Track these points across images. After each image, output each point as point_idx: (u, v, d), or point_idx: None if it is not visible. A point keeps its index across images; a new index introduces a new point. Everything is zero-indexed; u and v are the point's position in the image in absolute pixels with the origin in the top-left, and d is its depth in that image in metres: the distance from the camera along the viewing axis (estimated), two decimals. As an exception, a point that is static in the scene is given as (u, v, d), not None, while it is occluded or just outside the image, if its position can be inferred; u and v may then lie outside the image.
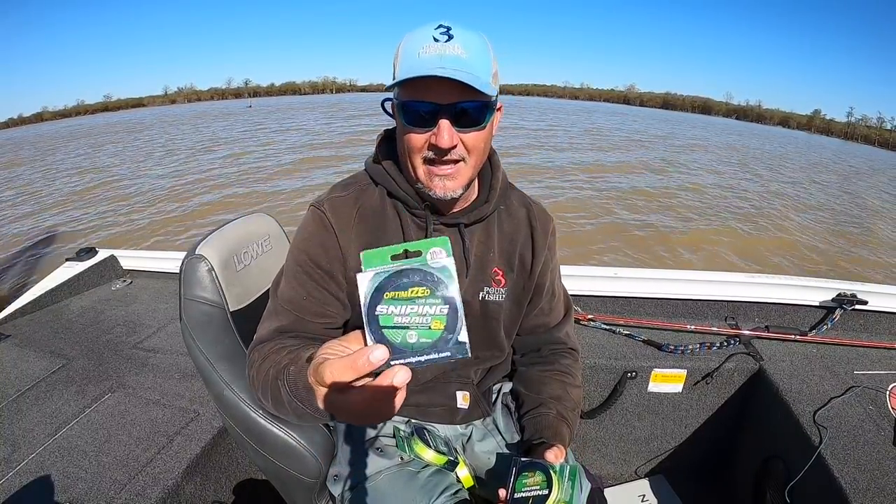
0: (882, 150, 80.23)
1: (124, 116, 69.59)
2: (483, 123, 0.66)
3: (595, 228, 7.16)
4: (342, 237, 0.74)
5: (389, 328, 0.35)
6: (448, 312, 0.35)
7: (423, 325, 0.35)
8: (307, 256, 0.74)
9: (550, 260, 0.87)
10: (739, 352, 1.41)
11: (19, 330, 1.78)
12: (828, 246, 7.46)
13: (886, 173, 22.10)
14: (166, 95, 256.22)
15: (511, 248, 0.82)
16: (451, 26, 0.63)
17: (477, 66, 0.62)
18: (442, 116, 0.63)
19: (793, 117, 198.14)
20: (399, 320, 0.35)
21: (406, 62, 0.63)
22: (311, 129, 20.50)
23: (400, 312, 0.35)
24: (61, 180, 11.93)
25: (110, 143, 21.76)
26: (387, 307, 0.35)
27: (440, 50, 0.61)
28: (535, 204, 0.87)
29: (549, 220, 0.87)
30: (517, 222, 0.83)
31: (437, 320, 0.35)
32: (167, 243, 6.32)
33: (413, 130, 0.65)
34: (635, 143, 20.64)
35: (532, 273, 0.84)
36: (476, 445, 0.89)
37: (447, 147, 0.64)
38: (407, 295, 0.35)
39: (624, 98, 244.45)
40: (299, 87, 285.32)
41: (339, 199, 0.76)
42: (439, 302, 0.36)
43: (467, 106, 0.63)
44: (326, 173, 10.68)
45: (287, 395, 0.56)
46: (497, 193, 0.79)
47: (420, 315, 0.35)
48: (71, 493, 1.03)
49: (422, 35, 0.63)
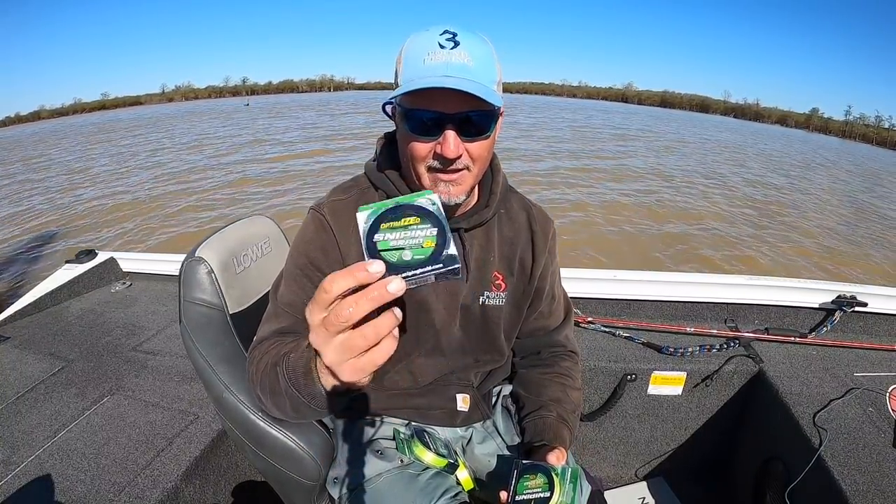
0: (880, 149, 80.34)
1: (119, 115, 69.64)
2: (488, 133, 0.66)
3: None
4: (342, 240, 0.73)
5: (386, 251, 0.39)
6: (437, 233, 0.40)
7: (416, 244, 0.39)
8: (307, 259, 0.74)
9: (550, 263, 0.86)
10: (739, 354, 1.41)
11: (18, 332, 1.78)
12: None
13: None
14: (164, 94, 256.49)
15: (511, 252, 0.82)
16: (458, 32, 0.62)
17: (483, 74, 0.62)
18: (448, 126, 0.62)
19: (791, 116, 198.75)
20: (395, 243, 0.39)
21: (411, 69, 0.62)
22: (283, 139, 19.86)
23: (395, 237, 0.39)
24: (54, 180, 11.98)
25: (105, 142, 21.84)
26: (383, 234, 0.39)
27: (447, 58, 0.60)
28: (535, 207, 0.87)
29: (550, 224, 0.87)
30: (517, 226, 0.83)
31: (429, 240, 0.40)
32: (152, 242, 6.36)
33: (417, 139, 0.64)
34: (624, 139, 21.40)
35: (532, 277, 0.84)
36: (476, 448, 0.89)
37: (453, 157, 0.63)
38: (400, 224, 0.40)
39: (622, 96, 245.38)
40: (297, 85, 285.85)
41: (339, 203, 0.76)
42: (429, 225, 0.40)
43: (473, 116, 0.63)
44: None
45: (284, 381, 0.56)
46: (497, 198, 0.78)
47: (413, 238, 0.40)
48: (70, 496, 1.03)
49: (427, 40, 0.62)
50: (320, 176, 10.59)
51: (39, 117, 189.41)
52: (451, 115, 0.62)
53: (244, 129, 24.13)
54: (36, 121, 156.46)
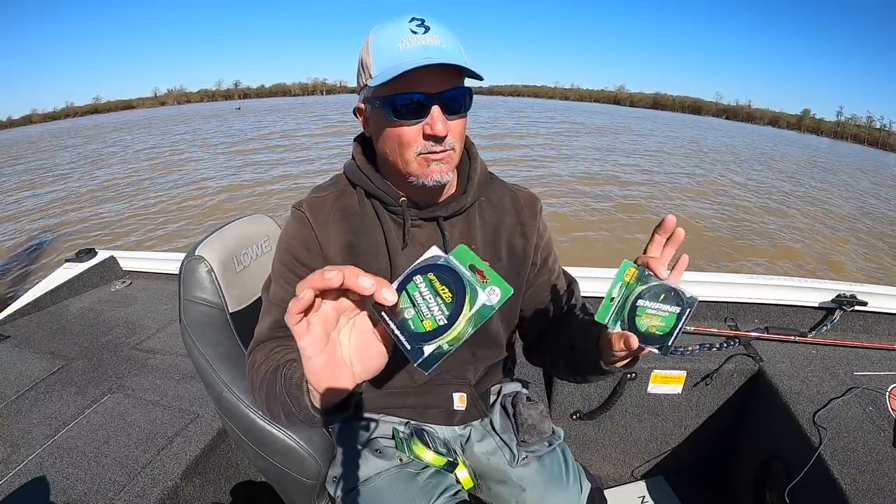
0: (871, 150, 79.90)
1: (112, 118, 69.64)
2: (467, 110, 0.67)
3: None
4: (321, 234, 0.74)
5: (405, 294, 0.39)
6: (442, 325, 0.38)
7: (422, 314, 0.39)
8: (291, 255, 0.74)
9: (541, 240, 0.85)
10: (739, 353, 1.41)
11: (19, 331, 1.78)
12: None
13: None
14: (156, 97, 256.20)
15: (495, 237, 0.81)
16: (424, 18, 0.63)
17: (457, 55, 0.63)
18: (433, 105, 0.63)
19: (782, 117, 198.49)
20: (416, 297, 0.39)
21: (386, 58, 0.62)
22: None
23: (422, 292, 0.39)
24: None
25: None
26: (421, 279, 0.39)
27: (422, 41, 0.61)
28: (520, 190, 0.86)
29: (536, 202, 0.85)
30: (501, 212, 0.82)
31: (430, 322, 0.39)
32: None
33: (404, 124, 0.64)
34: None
35: (526, 256, 0.83)
36: (475, 446, 0.89)
37: (444, 134, 0.63)
38: (439, 287, 0.39)
39: (614, 98, 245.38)
40: (289, 88, 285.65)
41: (318, 199, 0.76)
42: (447, 314, 0.39)
43: (454, 93, 0.64)
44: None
45: (280, 387, 0.57)
46: (475, 184, 0.77)
47: (428, 308, 0.39)
48: (70, 494, 1.03)
49: (396, 30, 0.62)
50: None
51: (31, 121, 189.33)
52: (436, 94, 0.62)
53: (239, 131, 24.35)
54: (28, 125, 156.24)
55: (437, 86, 0.62)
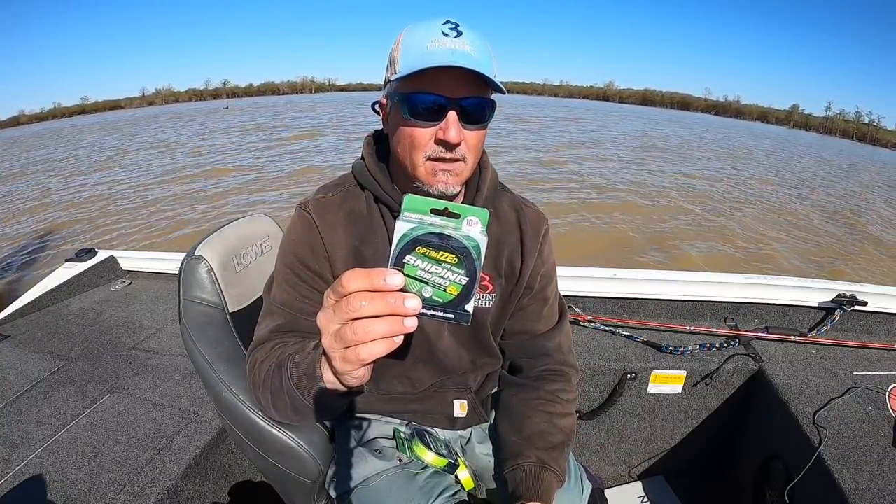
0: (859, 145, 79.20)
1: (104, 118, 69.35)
2: (486, 122, 0.65)
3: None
4: (327, 237, 0.72)
5: (411, 277, 0.38)
6: (466, 283, 0.38)
7: (440, 286, 0.38)
8: (295, 258, 0.73)
9: (542, 265, 0.82)
10: (739, 353, 1.41)
11: (18, 330, 1.78)
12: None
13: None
14: (144, 97, 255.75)
15: (498, 252, 0.79)
16: (459, 23, 0.62)
17: (486, 65, 0.61)
18: (450, 110, 0.61)
19: (771, 112, 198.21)
20: (421, 274, 0.38)
21: (413, 54, 0.61)
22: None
23: (425, 268, 0.38)
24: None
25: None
26: (415, 258, 0.38)
27: (451, 45, 0.60)
28: (526, 206, 0.83)
29: (542, 223, 0.83)
30: (506, 226, 0.80)
31: (455, 287, 0.38)
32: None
33: (418, 124, 0.63)
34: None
35: (521, 278, 0.80)
36: (476, 448, 0.89)
37: (456, 142, 0.62)
38: (436, 256, 0.38)
39: (603, 95, 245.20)
40: (278, 87, 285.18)
41: (325, 200, 0.74)
42: (462, 272, 0.38)
43: (475, 102, 0.62)
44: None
45: (287, 382, 0.57)
46: (484, 195, 0.76)
47: (441, 277, 0.38)
48: (70, 494, 1.03)
49: (429, 29, 0.61)
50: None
51: (19, 122, 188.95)
52: (455, 100, 0.61)
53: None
54: (15, 126, 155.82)
55: (458, 91, 0.61)
